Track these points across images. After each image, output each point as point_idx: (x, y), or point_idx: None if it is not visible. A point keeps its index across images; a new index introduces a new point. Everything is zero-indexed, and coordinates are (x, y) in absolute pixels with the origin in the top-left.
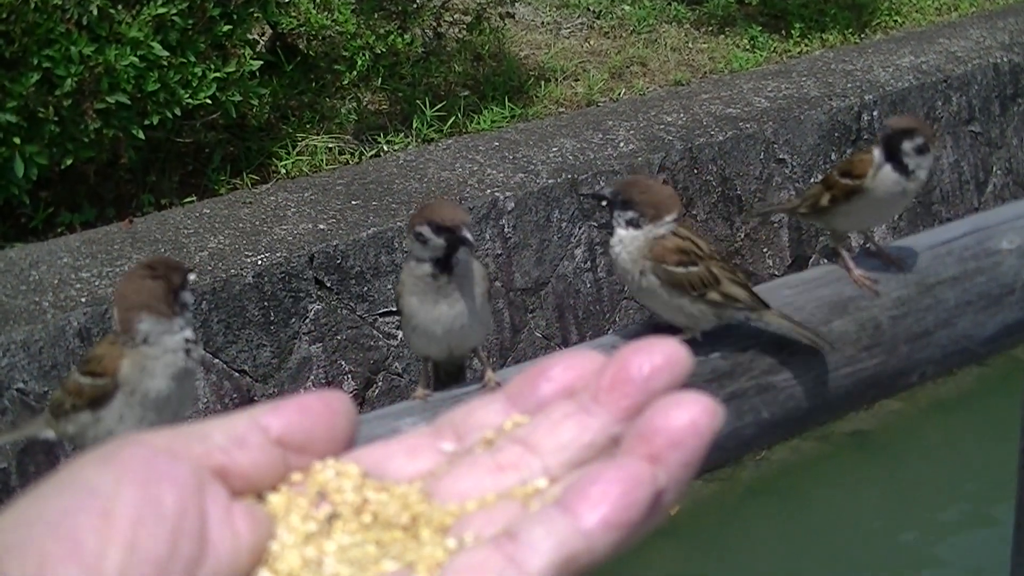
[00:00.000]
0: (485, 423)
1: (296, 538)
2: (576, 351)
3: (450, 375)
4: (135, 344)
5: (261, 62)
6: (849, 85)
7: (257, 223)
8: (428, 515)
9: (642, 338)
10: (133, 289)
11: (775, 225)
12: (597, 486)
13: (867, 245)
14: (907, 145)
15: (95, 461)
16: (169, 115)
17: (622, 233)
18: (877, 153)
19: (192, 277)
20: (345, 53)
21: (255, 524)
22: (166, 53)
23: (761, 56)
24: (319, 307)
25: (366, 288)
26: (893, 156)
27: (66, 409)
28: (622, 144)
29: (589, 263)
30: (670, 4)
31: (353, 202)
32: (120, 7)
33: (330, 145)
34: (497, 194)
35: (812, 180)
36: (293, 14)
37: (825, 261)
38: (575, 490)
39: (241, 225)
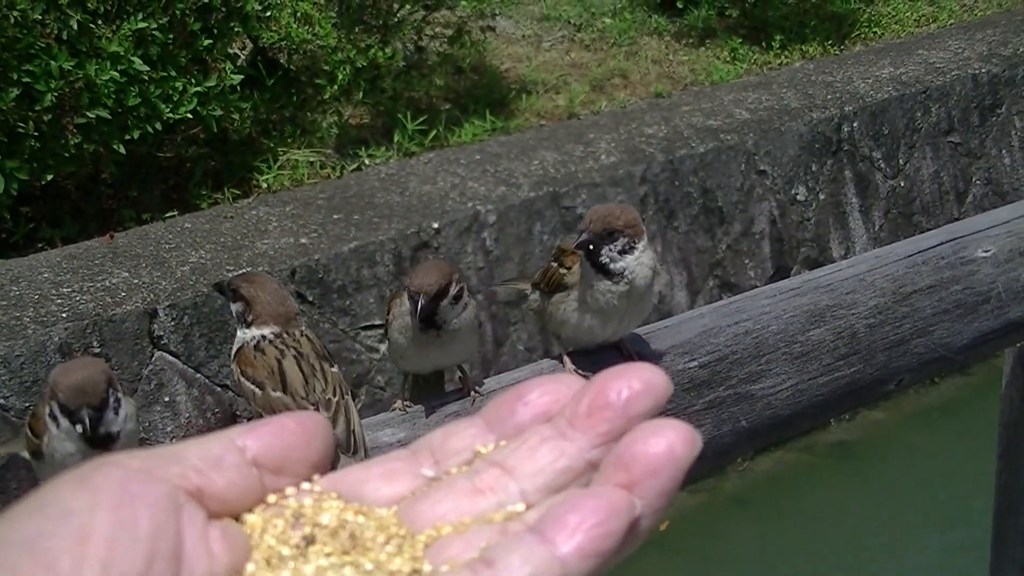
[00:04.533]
0: (462, 448)
1: (273, 560)
2: (553, 375)
3: (430, 383)
4: None
5: (242, 76)
6: (829, 96)
7: (239, 237)
8: (405, 539)
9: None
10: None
11: (757, 236)
12: (574, 514)
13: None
14: (608, 249)
15: (70, 483)
16: (150, 130)
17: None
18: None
19: (126, 411)
20: (326, 67)
21: (231, 546)
22: (147, 68)
23: (741, 68)
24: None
25: (348, 302)
26: (596, 262)
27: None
28: (604, 156)
29: None
30: (650, 16)
31: (335, 216)
32: (100, 22)
33: (311, 159)
34: (479, 207)
35: (793, 191)
36: (274, 28)
37: (806, 271)
38: (552, 517)
39: (223, 239)
